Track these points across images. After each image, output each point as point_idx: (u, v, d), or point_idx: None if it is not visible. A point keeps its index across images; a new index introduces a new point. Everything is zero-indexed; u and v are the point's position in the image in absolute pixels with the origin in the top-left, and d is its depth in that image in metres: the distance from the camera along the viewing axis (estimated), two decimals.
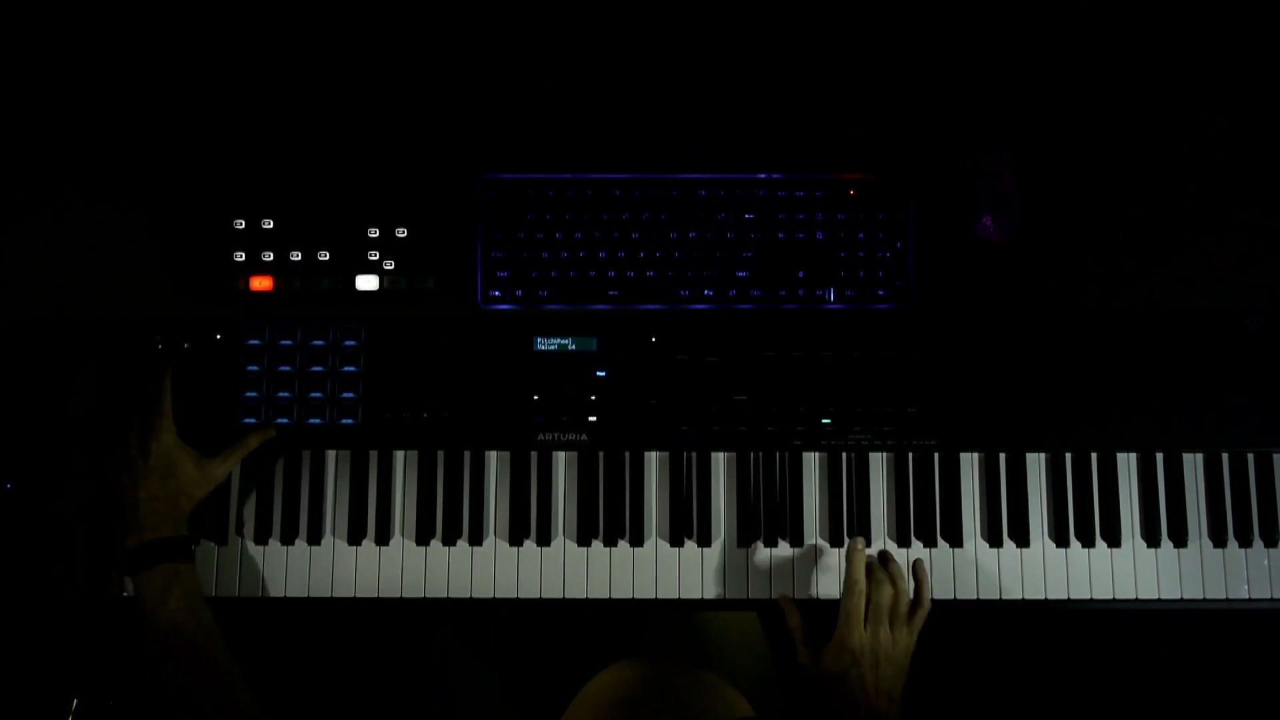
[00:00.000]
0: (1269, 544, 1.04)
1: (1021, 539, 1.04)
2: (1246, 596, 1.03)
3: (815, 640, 1.00)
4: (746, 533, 1.04)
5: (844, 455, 1.06)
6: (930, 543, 1.04)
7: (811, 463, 1.06)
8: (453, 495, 1.05)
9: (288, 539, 1.04)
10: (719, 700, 0.98)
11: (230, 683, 0.91)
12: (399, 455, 1.06)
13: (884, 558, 1.02)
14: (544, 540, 1.04)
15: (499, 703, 1.30)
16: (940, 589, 1.03)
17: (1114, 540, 1.04)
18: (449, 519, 1.04)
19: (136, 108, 1.08)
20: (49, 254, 1.06)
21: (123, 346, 1.04)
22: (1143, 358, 1.03)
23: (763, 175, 1.06)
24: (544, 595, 1.04)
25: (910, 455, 1.05)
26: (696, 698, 0.98)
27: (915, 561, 1.02)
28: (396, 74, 1.08)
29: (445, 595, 1.04)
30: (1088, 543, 1.04)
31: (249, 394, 1.04)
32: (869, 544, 1.04)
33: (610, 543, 1.04)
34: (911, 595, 1.00)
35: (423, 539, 1.04)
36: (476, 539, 1.05)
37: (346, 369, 1.04)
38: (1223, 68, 1.07)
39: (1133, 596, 1.03)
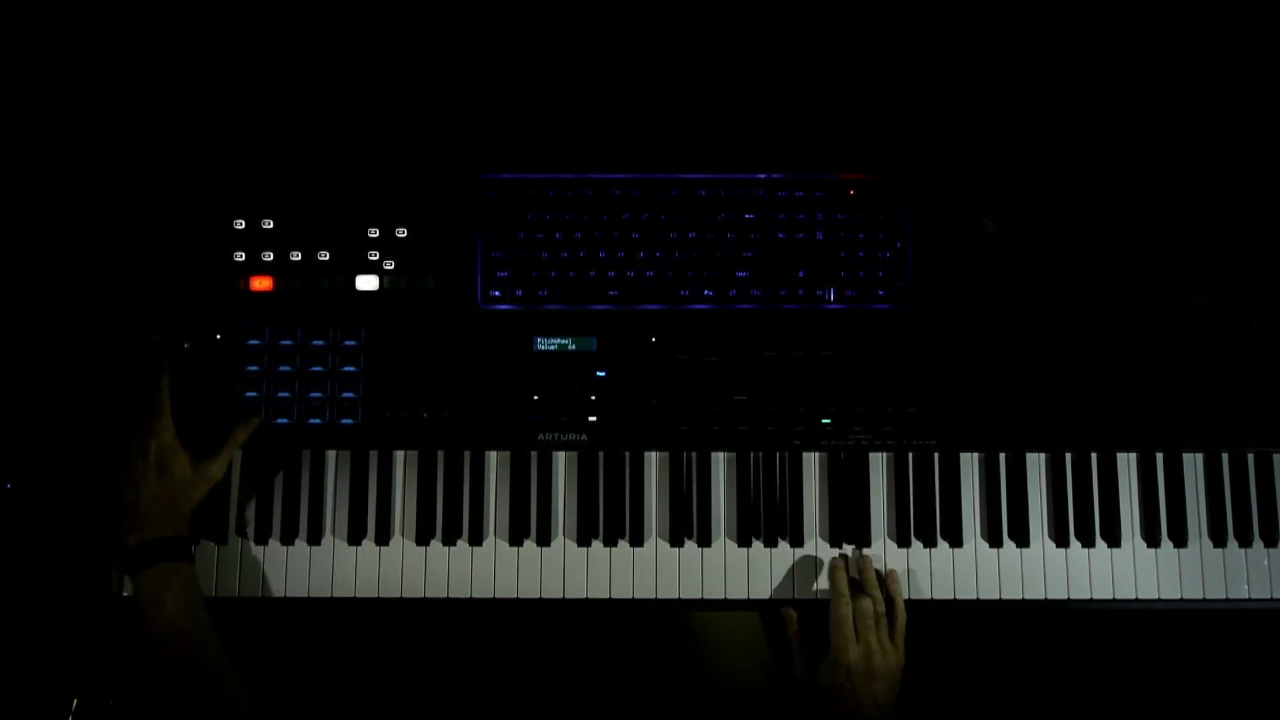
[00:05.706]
0: (1269, 544, 1.03)
1: (1021, 539, 1.04)
2: (1246, 596, 1.03)
3: (810, 651, 1.01)
4: (746, 533, 1.04)
5: (844, 455, 1.06)
6: (930, 543, 1.04)
7: (811, 463, 1.06)
8: (453, 495, 1.05)
9: (288, 539, 1.04)
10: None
11: (225, 684, 0.91)
12: (399, 455, 1.06)
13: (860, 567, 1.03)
14: (544, 540, 1.04)
15: (498, 703, 1.30)
16: (940, 589, 1.03)
17: (1114, 540, 1.04)
18: (449, 519, 1.04)
19: (136, 107, 1.08)
20: (49, 254, 1.05)
21: (123, 346, 1.04)
22: (1143, 358, 1.03)
23: (763, 175, 1.06)
24: (544, 595, 1.04)
25: (910, 455, 1.05)
26: None
27: (889, 571, 1.02)
28: (397, 74, 1.08)
29: (445, 595, 1.04)
30: (1088, 543, 1.04)
31: (249, 394, 1.04)
32: (869, 545, 1.04)
33: (610, 543, 1.04)
34: (884, 605, 1.00)
35: (423, 539, 1.04)
36: (476, 539, 1.05)
37: (346, 369, 1.04)
38: (1223, 68, 1.07)
39: (1133, 596, 1.03)
